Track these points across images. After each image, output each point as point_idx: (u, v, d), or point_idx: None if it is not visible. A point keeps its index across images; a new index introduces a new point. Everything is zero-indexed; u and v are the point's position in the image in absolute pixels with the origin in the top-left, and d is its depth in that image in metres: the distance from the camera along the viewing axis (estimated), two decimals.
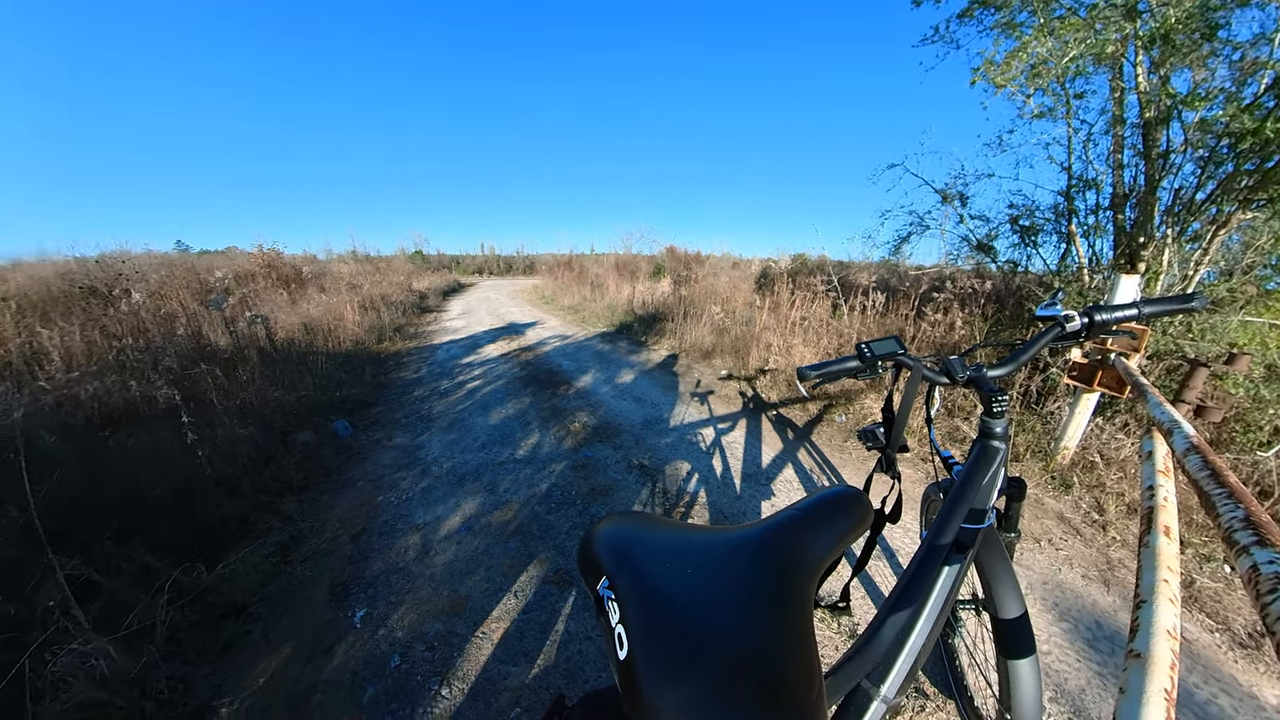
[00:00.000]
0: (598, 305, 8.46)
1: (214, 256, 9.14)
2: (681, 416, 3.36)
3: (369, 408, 3.72)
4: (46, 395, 2.59)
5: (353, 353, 5.11)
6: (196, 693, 1.34)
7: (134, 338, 3.61)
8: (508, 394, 3.92)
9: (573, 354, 5.31)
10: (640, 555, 0.60)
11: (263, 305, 5.38)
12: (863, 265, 5.54)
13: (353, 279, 8.28)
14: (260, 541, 1.99)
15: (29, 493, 1.41)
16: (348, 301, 6.34)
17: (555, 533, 2.04)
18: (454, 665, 1.44)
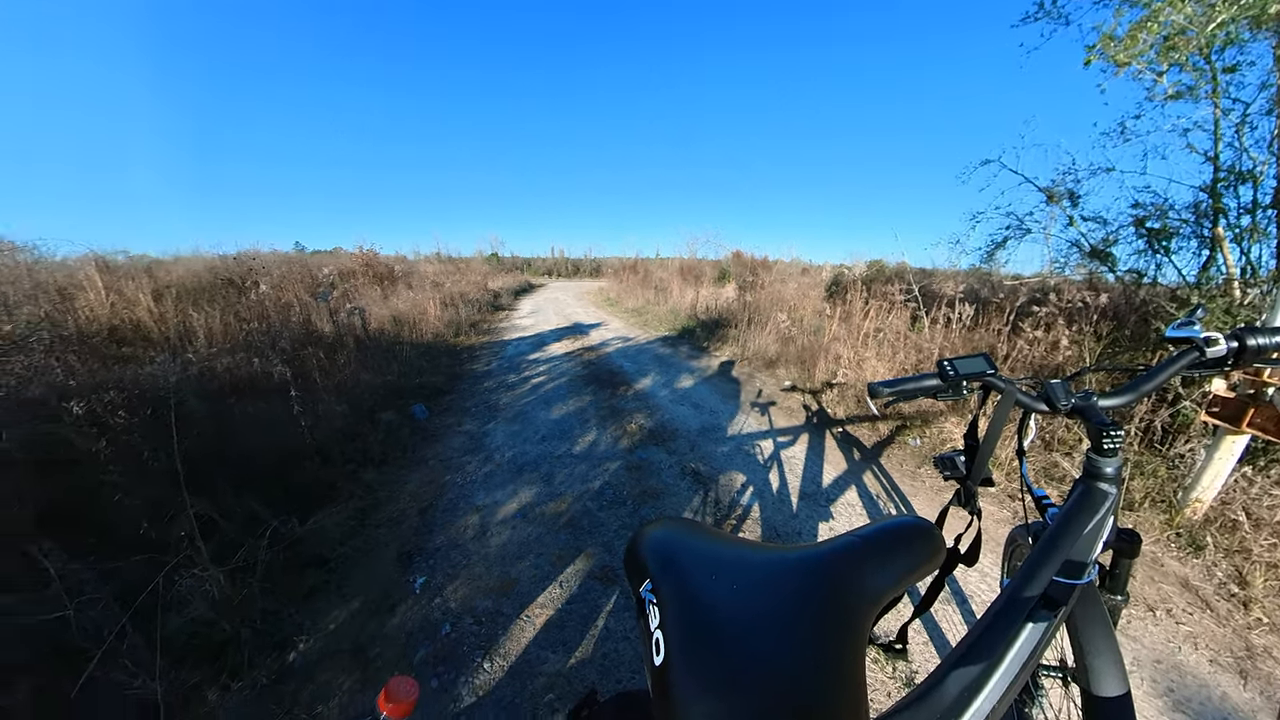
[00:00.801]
0: (660, 309, 8.52)
1: (323, 256, 10.35)
2: (740, 426, 3.28)
3: (444, 395, 4.01)
4: (193, 366, 3.07)
5: (433, 344, 5.54)
6: (282, 627, 1.52)
7: (259, 322, 4.18)
8: (569, 391, 4.04)
9: (634, 356, 5.37)
10: (687, 563, 0.59)
11: (360, 299, 6.01)
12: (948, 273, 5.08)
13: (436, 278, 9.02)
14: (343, 505, 2.21)
15: (175, 443, 1.67)
16: (431, 298, 6.90)
17: (604, 530, 2.06)
18: (497, 642, 1.50)
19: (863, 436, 3.12)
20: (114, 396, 2.23)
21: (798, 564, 0.59)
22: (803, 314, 5.61)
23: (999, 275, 4.49)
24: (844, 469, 2.68)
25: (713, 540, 0.64)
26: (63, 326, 3.37)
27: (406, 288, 7.50)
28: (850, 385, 3.76)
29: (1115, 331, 3.16)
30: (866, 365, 3.88)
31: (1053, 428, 2.70)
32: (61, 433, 1.94)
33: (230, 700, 1.28)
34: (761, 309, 5.86)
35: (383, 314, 5.66)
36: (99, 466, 1.83)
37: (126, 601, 1.31)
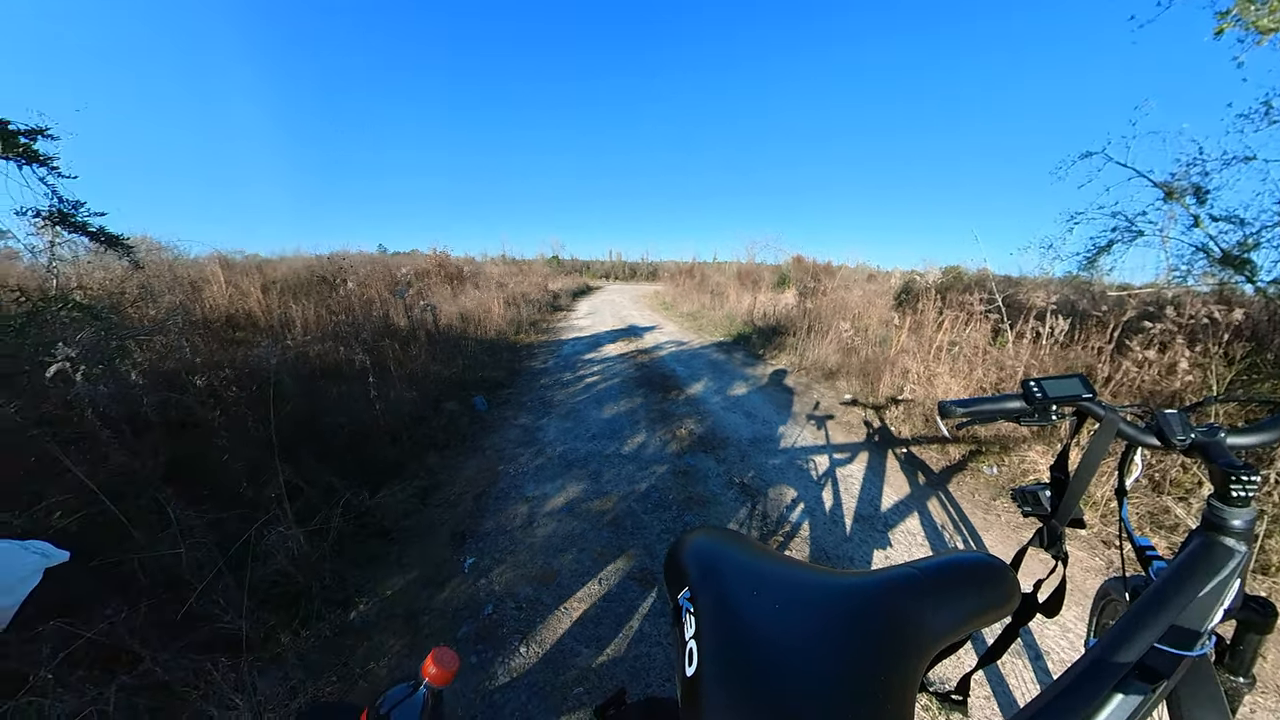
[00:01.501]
0: (716, 314, 8.41)
1: (402, 256, 11.29)
2: (794, 439, 3.15)
3: (503, 389, 4.20)
4: (290, 351, 3.45)
5: (495, 341, 5.84)
6: (346, 587, 1.67)
7: (345, 315, 4.62)
8: (621, 392, 4.09)
9: (687, 360, 5.35)
10: (728, 575, 0.58)
11: (432, 296, 6.46)
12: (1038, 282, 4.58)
13: (500, 278, 9.51)
14: (407, 483, 2.38)
15: (272, 416, 1.89)
16: (495, 297, 7.28)
17: (647, 532, 2.06)
18: (535, 629, 1.54)
19: (930, 460, 2.89)
20: (228, 374, 2.56)
21: (848, 590, 0.55)
22: (867, 323, 5.31)
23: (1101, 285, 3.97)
24: (906, 493, 2.48)
25: (757, 555, 0.62)
26: (192, 313, 3.92)
27: (474, 287, 7.98)
28: (918, 403, 3.49)
29: (1253, 355, 2.69)
30: (938, 381, 3.59)
31: (1164, 466, 2.29)
32: (186, 401, 2.25)
33: (299, 645, 1.42)
34: (822, 317, 5.62)
35: (451, 311, 6.05)
36: (213, 432, 2.10)
37: (225, 548, 1.51)
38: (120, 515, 1.41)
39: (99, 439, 1.69)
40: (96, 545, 1.35)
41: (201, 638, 1.30)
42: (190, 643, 1.26)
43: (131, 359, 2.45)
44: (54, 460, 1.45)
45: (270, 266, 6.53)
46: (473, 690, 1.34)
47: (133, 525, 1.42)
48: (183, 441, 2.06)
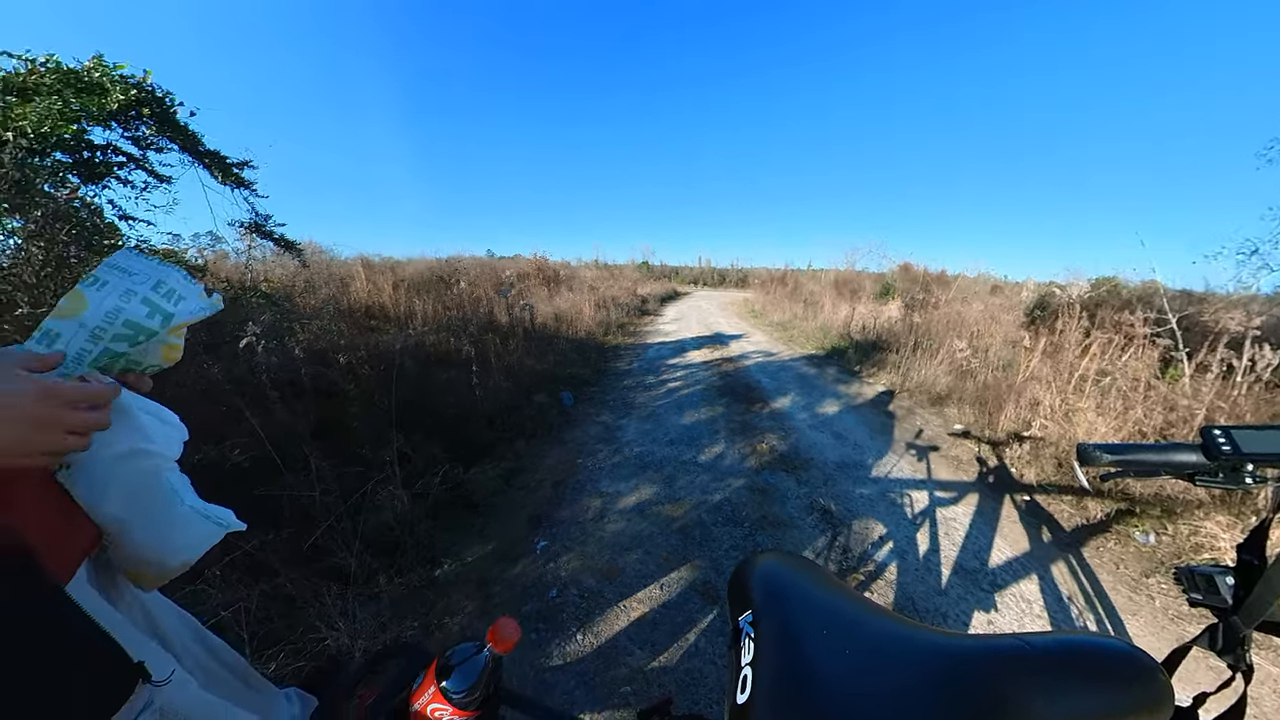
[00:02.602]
0: (809, 325, 7.96)
1: (506, 260, 12.32)
2: (888, 468, 2.85)
3: (588, 386, 4.38)
4: (411, 339, 3.94)
5: (584, 341, 6.11)
6: (435, 547, 1.86)
7: (457, 310, 5.16)
8: (702, 400, 4.04)
9: (774, 373, 5.13)
10: (796, 605, 0.54)
11: (531, 297, 6.98)
12: (1234, 299, 3.64)
13: (593, 282, 9.98)
14: (497, 464, 2.58)
15: (394, 393, 2.18)
16: (587, 300, 7.64)
17: (715, 545, 2.01)
18: (593, 620, 1.58)
19: (1060, 514, 2.41)
20: (363, 354, 3.00)
21: (937, 649, 0.48)
22: (988, 343, 4.66)
23: None
24: (1024, 550, 2.11)
25: (832, 590, 0.58)
26: (340, 304, 4.65)
27: (568, 290, 8.45)
28: (1050, 442, 2.96)
29: None
30: (1079, 419, 3.02)
31: None
32: (331, 375, 2.67)
33: (392, 589, 1.62)
34: (932, 333, 5.05)
35: (547, 311, 6.46)
36: (348, 401, 2.47)
37: (346, 497, 1.78)
38: (278, 459, 1.72)
39: (269, 398, 2.09)
40: (258, 480, 1.69)
41: (321, 567, 1.55)
42: (312, 569, 1.51)
43: (296, 338, 2.98)
44: (238, 411, 1.83)
45: (400, 267, 7.52)
46: (528, 664, 1.41)
47: (285, 468, 1.74)
48: (326, 406, 2.46)
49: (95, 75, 1.88)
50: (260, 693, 0.84)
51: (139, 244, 2.29)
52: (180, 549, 0.60)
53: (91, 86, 1.90)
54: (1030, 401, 3.32)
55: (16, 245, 1.75)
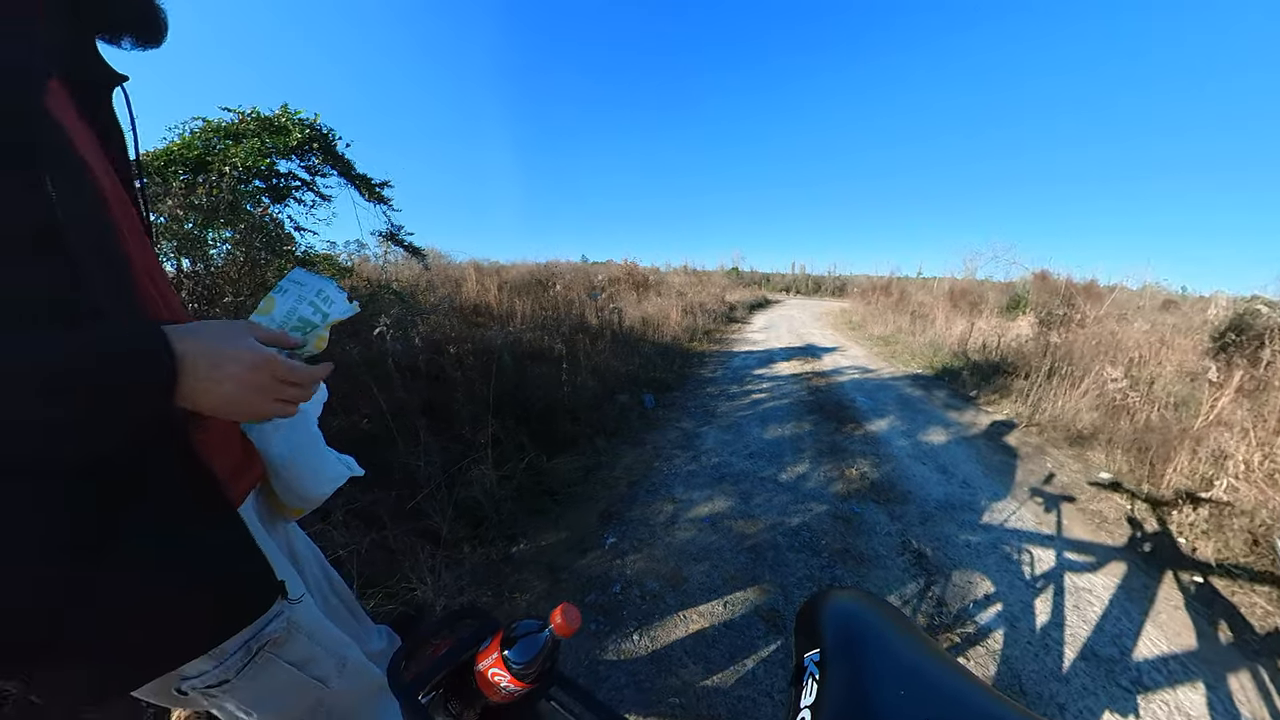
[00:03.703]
0: (916, 340, 7.19)
1: (599, 265, 12.84)
2: (1004, 515, 2.43)
3: (670, 391, 4.39)
4: (510, 335, 4.28)
5: (669, 346, 6.15)
6: (514, 527, 1.99)
7: (551, 311, 5.49)
8: (789, 415, 3.83)
9: (871, 391, 4.70)
10: (873, 655, 0.50)
11: (620, 301, 7.19)
12: None
13: (681, 288, 10.01)
14: (577, 457, 2.70)
15: (492, 382, 2.38)
16: (674, 305, 7.68)
17: (788, 571, 1.88)
18: (651, 624, 1.57)
19: (1251, 608, 1.85)
20: (469, 347, 3.32)
21: None
22: (1154, 372, 3.82)
23: None
24: (1188, 646, 1.65)
25: (918, 646, 0.51)
26: (454, 301, 5.19)
27: (656, 294, 8.58)
28: (1243, 511, 2.30)
29: None
30: None
31: None
32: (442, 362, 3.00)
33: (473, 557, 1.77)
34: (1075, 356, 4.27)
35: (635, 314, 6.62)
36: (454, 386, 2.75)
37: (445, 470, 1.99)
38: (394, 430, 1.98)
39: (392, 378, 2.40)
40: (378, 445, 1.95)
41: (418, 527, 1.74)
42: (411, 528, 1.71)
43: (417, 329, 3.39)
44: (368, 387, 2.13)
45: (504, 271, 8.22)
46: (583, 652, 1.44)
47: (399, 438, 1.99)
48: (436, 389, 2.77)
49: (282, 120, 2.35)
50: (360, 623, 0.97)
51: (307, 250, 2.79)
52: (323, 483, 0.77)
53: (279, 129, 2.36)
54: (1214, 453, 2.63)
55: (227, 250, 2.24)
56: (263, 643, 0.60)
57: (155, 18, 0.52)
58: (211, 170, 2.03)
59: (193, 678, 0.56)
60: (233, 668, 0.57)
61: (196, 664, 0.55)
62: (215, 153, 2.05)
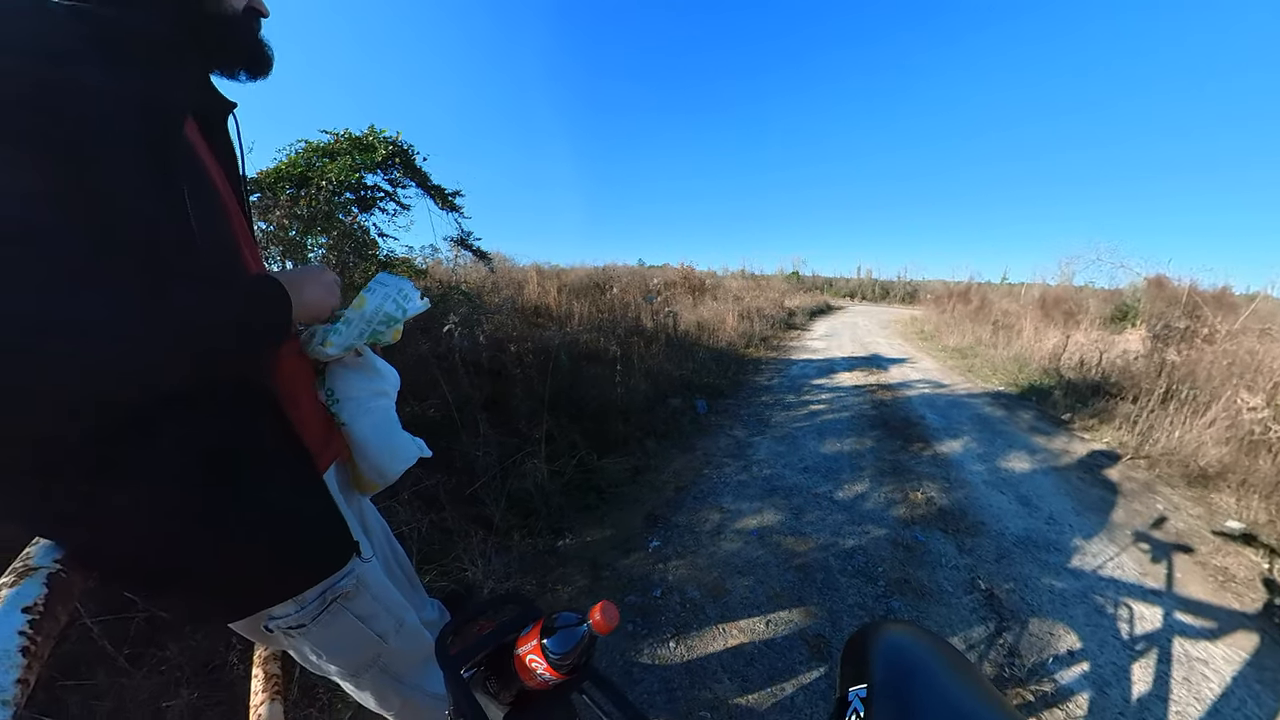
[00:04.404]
0: (997, 353, 6.54)
1: (655, 269, 12.88)
2: (1099, 561, 2.11)
3: (723, 397, 4.33)
4: (568, 336, 4.41)
5: (724, 351, 6.06)
6: (562, 522, 2.04)
7: (607, 314, 5.60)
8: (849, 429, 3.64)
9: (943, 409, 4.34)
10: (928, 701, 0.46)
11: (675, 305, 7.18)
12: None
13: (738, 292, 9.82)
14: (627, 458, 2.73)
15: (549, 380, 2.47)
16: (730, 310, 7.55)
17: (838, 596, 1.78)
18: (689, 633, 1.54)
19: None
20: (528, 346, 3.46)
21: None
22: None
23: None
24: None
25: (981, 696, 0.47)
26: (516, 302, 5.44)
27: (712, 299, 8.49)
28: None
29: None
30: None
31: None
32: (503, 359, 3.15)
33: (522, 547, 1.85)
34: (1200, 378, 3.69)
35: (690, 319, 6.58)
36: (513, 382, 2.89)
37: (501, 461, 2.10)
38: (458, 421, 2.11)
39: (458, 372, 2.56)
40: (442, 433, 2.09)
41: (474, 513, 1.85)
42: (467, 513, 1.82)
43: (482, 328, 3.59)
44: (435, 379, 2.30)
45: (564, 274, 8.49)
46: (618, 652, 1.45)
47: (462, 429, 2.13)
48: (497, 384, 2.92)
49: (369, 139, 2.61)
50: (417, 592, 1.06)
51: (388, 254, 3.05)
52: (398, 461, 0.85)
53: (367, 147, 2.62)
54: None
55: (323, 254, 2.51)
56: (336, 595, 0.68)
57: (264, 55, 0.63)
58: (311, 185, 2.29)
59: (278, 618, 0.65)
60: (310, 614, 0.66)
61: (282, 607, 0.64)
62: (315, 169, 2.31)
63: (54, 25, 0.43)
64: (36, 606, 0.44)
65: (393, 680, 0.81)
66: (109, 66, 0.44)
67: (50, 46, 0.41)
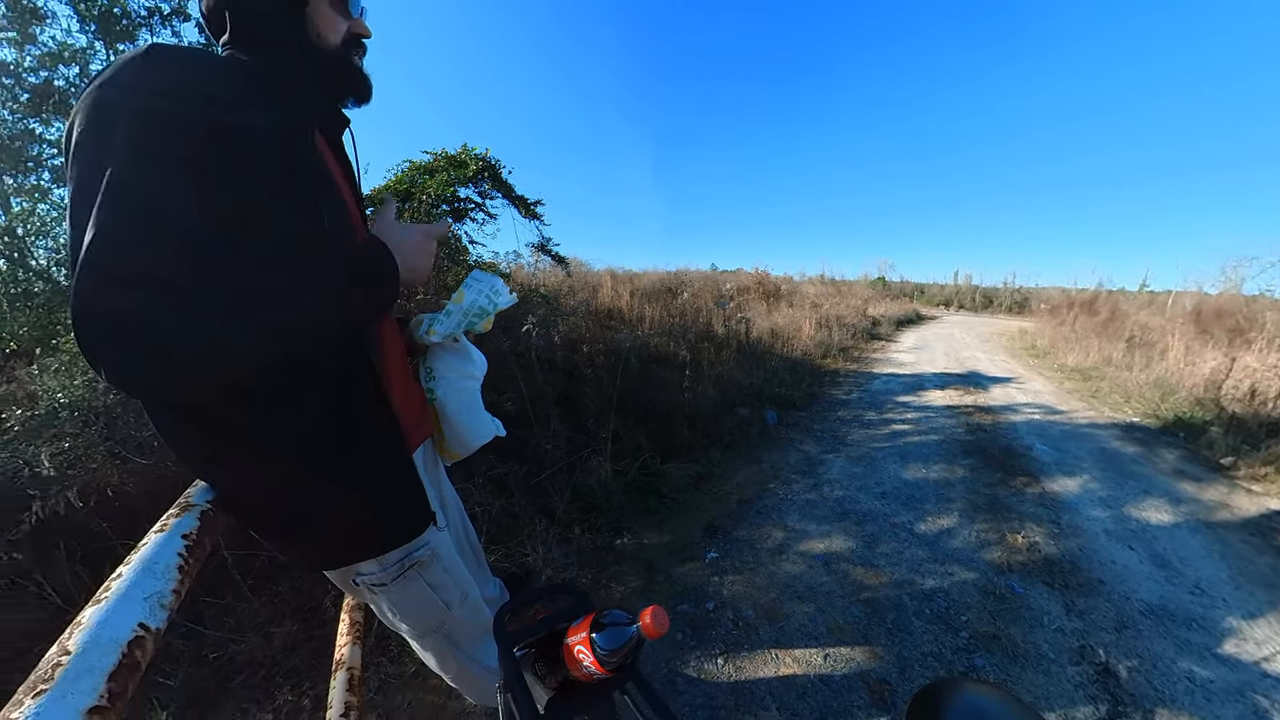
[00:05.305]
0: (1132, 376, 5.55)
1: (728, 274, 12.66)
2: (1265, 650, 1.69)
3: (795, 410, 4.15)
4: (638, 339, 4.48)
5: (799, 361, 5.80)
6: (621, 521, 2.08)
7: (678, 318, 5.60)
8: (938, 454, 3.31)
9: (1057, 439, 3.79)
10: None
11: (748, 311, 7.00)
12: None
13: (816, 299, 9.34)
14: (690, 464, 2.72)
15: (618, 382, 2.54)
16: (807, 318, 7.21)
17: (909, 641, 1.61)
18: (739, 653, 1.50)
19: None
20: (600, 347, 3.57)
21: None
22: None
23: None
24: None
25: None
26: (590, 305, 5.63)
27: (787, 305, 8.16)
28: None
29: None
30: None
31: None
32: (576, 359, 3.28)
33: (581, 541, 1.91)
34: None
35: (763, 325, 6.38)
36: (584, 382, 3.00)
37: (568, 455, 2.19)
38: (532, 414, 2.25)
39: (534, 370, 2.72)
40: (517, 425, 2.24)
41: (540, 502, 1.95)
42: (534, 502, 1.92)
43: (557, 328, 3.77)
44: (513, 374, 2.46)
45: (637, 278, 8.63)
46: (664, 659, 1.45)
47: (534, 422, 2.26)
48: (568, 382, 3.06)
49: (462, 156, 2.89)
50: (482, 569, 1.16)
51: (478, 260, 3.33)
52: (479, 435, 0.97)
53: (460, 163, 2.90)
54: None
55: None
56: (413, 562, 0.77)
57: (368, 86, 0.75)
58: (414, 199, 2.57)
59: (364, 575, 0.75)
60: (390, 575, 0.75)
61: (368, 564, 0.74)
62: (417, 186, 2.60)
63: (223, 77, 0.55)
64: (191, 535, 0.55)
65: (452, 646, 0.90)
66: (261, 106, 0.57)
67: (221, 96, 0.53)
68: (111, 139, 0.47)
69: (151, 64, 0.51)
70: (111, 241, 0.45)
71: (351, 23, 0.70)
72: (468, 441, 0.96)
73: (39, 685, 0.35)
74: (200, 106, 0.51)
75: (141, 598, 0.45)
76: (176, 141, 0.50)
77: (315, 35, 0.66)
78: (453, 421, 0.93)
